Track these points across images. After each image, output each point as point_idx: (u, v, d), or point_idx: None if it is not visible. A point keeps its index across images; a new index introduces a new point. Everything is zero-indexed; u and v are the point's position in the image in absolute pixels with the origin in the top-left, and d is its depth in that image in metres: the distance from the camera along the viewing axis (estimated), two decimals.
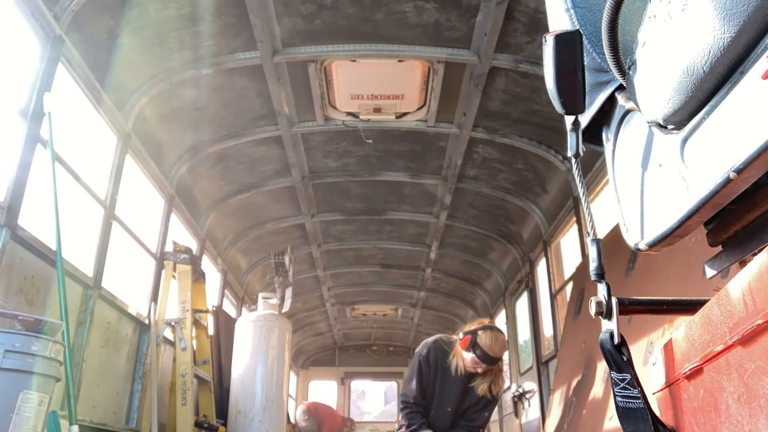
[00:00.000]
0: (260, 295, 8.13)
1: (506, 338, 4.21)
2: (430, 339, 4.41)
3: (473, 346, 4.04)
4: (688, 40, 0.94)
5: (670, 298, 1.38)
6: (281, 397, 7.59)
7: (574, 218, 6.56)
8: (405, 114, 6.11)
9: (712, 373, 1.04)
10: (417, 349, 4.39)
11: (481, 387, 4.19)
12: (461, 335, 4.15)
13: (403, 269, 10.45)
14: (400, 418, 4.46)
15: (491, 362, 4.08)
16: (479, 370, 4.13)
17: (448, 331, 16.41)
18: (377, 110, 6.03)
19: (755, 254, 1.11)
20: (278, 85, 5.44)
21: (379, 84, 5.69)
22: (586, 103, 1.30)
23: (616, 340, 1.23)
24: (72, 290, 4.39)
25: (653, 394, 1.35)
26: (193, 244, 7.08)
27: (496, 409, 10.60)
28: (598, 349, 1.27)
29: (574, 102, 1.25)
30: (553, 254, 7.55)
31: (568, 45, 1.21)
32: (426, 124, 6.18)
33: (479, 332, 4.07)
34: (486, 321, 4.29)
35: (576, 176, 1.40)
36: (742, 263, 1.19)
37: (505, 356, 4.36)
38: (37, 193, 3.91)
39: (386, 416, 24.05)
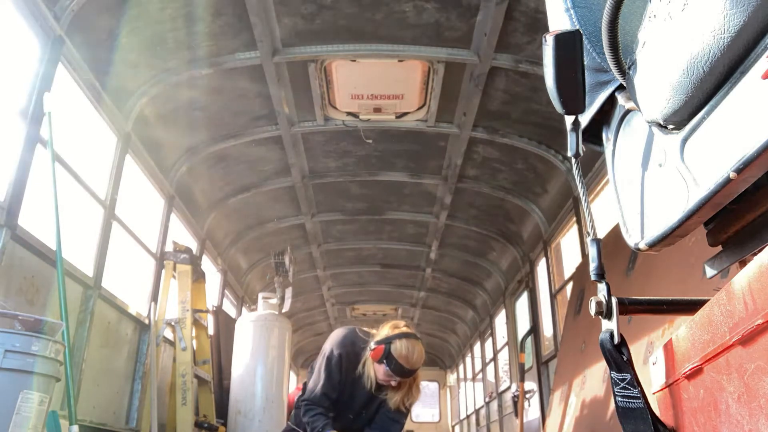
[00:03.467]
0: (260, 295, 8.13)
1: (423, 348, 3.60)
2: (340, 336, 3.69)
3: (386, 357, 3.48)
4: (688, 40, 0.94)
5: (670, 298, 1.37)
6: (281, 397, 7.59)
7: (574, 218, 6.56)
8: (405, 114, 6.11)
9: (712, 373, 1.04)
10: (326, 346, 3.69)
11: (393, 400, 3.65)
12: (373, 345, 3.55)
13: (403, 269, 10.46)
14: (290, 416, 3.91)
15: (406, 375, 3.54)
16: (393, 384, 3.59)
17: (442, 328, 16.08)
18: (377, 110, 6.03)
19: (755, 254, 1.11)
20: (278, 85, 5.44)
21: (379, 84, 5.69)
22: (586, 103, 1.30)
23: (616, 340, 1.23)
24: (72, 290, 4.39)
25: (653, 394, 1.34)
26: (193, 244, 7.08)
27: (496, 408, 10.61)
28: (598, 349, 1.27)
29: (574, 102, 1.25)
30: (553, 254, 7.55)
31: (568, 45, 1.21)
32: (426, 124, 6.18)
33: (395, 341, 3.50)
34: (402, 325, 3.66)
35: (576, 176, 1.39)
36: (742, 263, 1.18)
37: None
38: (37, 193, 3.91)
39: None
